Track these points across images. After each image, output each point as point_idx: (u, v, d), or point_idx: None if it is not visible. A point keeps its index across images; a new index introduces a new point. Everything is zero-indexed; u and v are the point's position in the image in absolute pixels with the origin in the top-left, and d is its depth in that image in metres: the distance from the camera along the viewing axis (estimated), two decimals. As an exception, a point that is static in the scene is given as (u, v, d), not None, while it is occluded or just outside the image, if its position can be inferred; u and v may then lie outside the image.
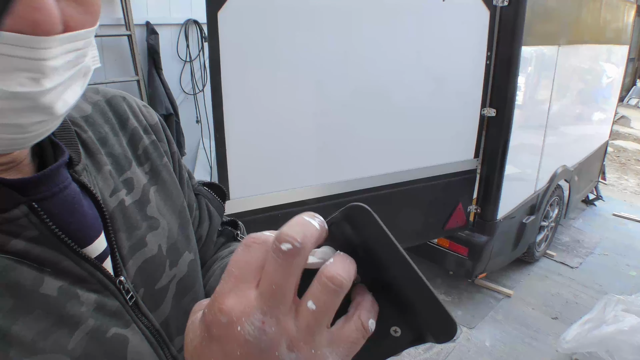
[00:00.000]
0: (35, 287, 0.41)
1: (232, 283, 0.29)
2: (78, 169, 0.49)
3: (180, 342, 0.56)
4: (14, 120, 0.34)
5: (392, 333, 0.32)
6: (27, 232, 0.41)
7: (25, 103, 0.34)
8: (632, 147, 7.91)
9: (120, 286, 0.48)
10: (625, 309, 2.67)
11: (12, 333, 0.39)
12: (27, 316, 0.40)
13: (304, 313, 0.29)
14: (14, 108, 0.34)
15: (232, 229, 0.77)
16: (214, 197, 0.72)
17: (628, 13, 4.32)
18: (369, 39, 2.13)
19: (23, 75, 0.33)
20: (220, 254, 0.72)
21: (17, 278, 0.40)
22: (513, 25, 2.54)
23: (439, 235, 3.01)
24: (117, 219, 0.51)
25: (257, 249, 0.29)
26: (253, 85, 1.86)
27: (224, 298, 0.29)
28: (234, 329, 0.28)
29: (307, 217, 0.30)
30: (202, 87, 4.12)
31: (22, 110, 0.34)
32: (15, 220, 0.40)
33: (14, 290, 0.40)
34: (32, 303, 0.41)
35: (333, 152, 2.21)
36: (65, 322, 0.42)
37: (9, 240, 0.40)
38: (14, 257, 0.40)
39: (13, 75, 0.33)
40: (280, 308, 0.28)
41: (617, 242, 4.31)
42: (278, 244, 0.28)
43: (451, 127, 2.61)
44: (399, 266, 0.31)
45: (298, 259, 0.28)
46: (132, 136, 0.59)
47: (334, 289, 0.29)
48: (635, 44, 9.87)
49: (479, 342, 2.89)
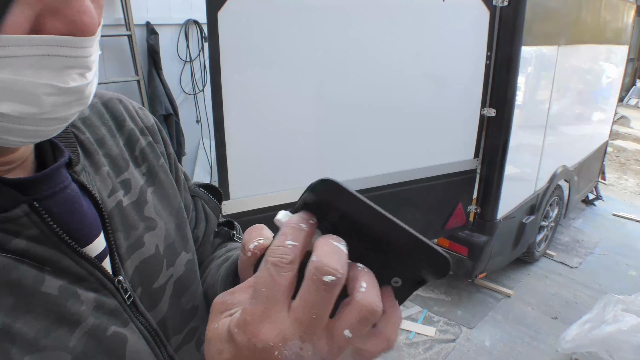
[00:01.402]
0: (37, 286, 0.41)
1: (263, 305, 0.30)
2: (77, 169, 0.49)
3: (177, 341, 0.57)
4: (62, 113, 0.38)
5: (393, 284, 0.34)
6: (28, 231, 0.41)
7: (75, 96, 0.38)
8: (631, 147, 7.92)
9: (119, 285, 0.49)
10: (625, 308, 2.67)
11: (14, 331, 0.39)
12: (28, 314, 0.40)
13: (339, 338, 0.31)
14: (66, 102, 0.38)
15: (229, 229, 0.77)
16: (210, 198, 0.73)
17: (628, 13, 4.32)
18: (369, 39, 2.13)
19: (74, 72, 0.37)
20: (217, 253, 0.72)
21: (18, 277, 0.40)
22: (513, 25, 2.54)
23: (439, 235, 3.01)
24: (115, 219, 0.52)
25: (288, 269, 0.30)
26: (253, 85, 1.86)
27: (258, 323, 0.30)
28: (271, 353, 0.29)
29: (335, 242, 0.31)
30: (202, 87, 4.12)
31: (70, 103, 0.38)
32: (16, 219, 0.41)
33: (15, 289, 0.40)
34: (33, 301, 0.41)
35: (333, 152, 2.21)
36: (66, 320, 0.43)
37: (10, 240, 0.40)
38: (14, 256, 0.41)
39: (66, 73, 0.36)
40: (316, 333, 0.30)
41: (617, 242, 4.31)
42: (320, 275, 0.29)
43: (451, 127, 2.61)
44: (379, 223, 0.32)
45: (338, 288, 0.29)
46: (129, 137, 0.59)
47: (367, 319, 0.30)
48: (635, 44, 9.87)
49: (479, 342, 2.89)
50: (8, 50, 0.33)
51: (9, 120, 0.35)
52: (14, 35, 0.33)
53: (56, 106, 0.37)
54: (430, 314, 3.13)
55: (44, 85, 0.35)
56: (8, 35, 0.33)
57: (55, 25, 0.35)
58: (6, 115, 0.35)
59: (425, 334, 2.92)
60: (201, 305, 0.62)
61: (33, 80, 0.35)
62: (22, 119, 0.36)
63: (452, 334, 2.95)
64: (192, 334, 0.60)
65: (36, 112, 0.36)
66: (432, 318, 3.09)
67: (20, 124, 0.36)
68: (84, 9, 0.36)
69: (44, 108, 0.36)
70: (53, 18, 0.35)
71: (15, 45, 0.33)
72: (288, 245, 0.30)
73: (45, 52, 0.35)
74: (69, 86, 0.37)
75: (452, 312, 3.15)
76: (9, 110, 0.35)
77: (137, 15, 3.44)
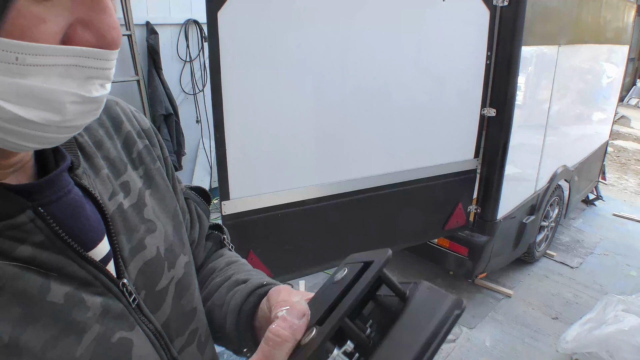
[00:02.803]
0: (42, 296, 0.41)
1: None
2: (78, 173, 0.49)
3: (180, 343, 0.57)
4: (80, 122, 0.39)
5: None
6: (34, 238, 0.41)
7: (95, 106, 0.39)
8: (632, 147, 7.91)
9: (124, 288, 0.48)
10: (625, 309, 2.67)
11: (22, 343, 0.39)
12: (35, 324, 0.40)
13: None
14: (85, 111, 0.39)
15: (219, 233, 0.78)
16: (202, 200, 0.74)
17: (628, 13, 4.31)
18: (369, 39, 2.13)
19: (97, 82, 0.38)
20: (218, 264, 0.73)
21: (24, 286, 0.40)
22: (513, 25, 2.53)
23: (439, 235, 3.01)
24: (117, 222, 0.52)
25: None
26: (253, 85, 1.86)
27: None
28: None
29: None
30: (202, 87, 4.12)
31: (89, 113, 0.39)
32: (22, 225, 0.41)
33: (21, 299, 0.40)
34: (39, 311, 0.41)
35: (333, 152, 2.21)
36: (72, 330, 0.43)
37: (16, 247, 0.40)
38: (20, 264, 0.40)
39: (90, 83, 0.38)
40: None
41: (617, 242, 4.31)
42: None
43: (451, 127, 2.60)
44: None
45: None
46: (127, 140, 0.59)
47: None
48: (635, 44, 9.87)
49: (479, 342, 2.88)
50: (41, 59, 0.34)
51: (32, 127, 0.36)
52: (48, 45, 0.34)
53: (77, 114, 0.38)
54: (431, 314, 3.13)
55: (70, 94, 0.36)
56: (43, 45, 0.34)
57: (85, 37, 0.36)
58: (31, 122, 0.35)
59: (426, 334, 2.92)
60: (199, 307, 0.62)
61: (61, 89, 0.35)
62: (45, 126, 0.36)
63: (452, 334, 2.95)
64: (193, 335, 0.60)
65: (59, 120, 0.36)
66: (433, 318, 3.09)
67: (42, 131, 0.36)
68: (114, 25, 0.38)
69: (67, 116, 0.37)
70: (84, 30, 0.36)
71: (49, 54, 0.34)
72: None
73: (74, 63, 0.36)
74: (92, 96, 0.38)
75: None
76: (35, 117, 0.35)
77: (137, 15, 3.44)
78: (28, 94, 0.34)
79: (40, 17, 0.33)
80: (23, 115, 0.34)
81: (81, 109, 0.38)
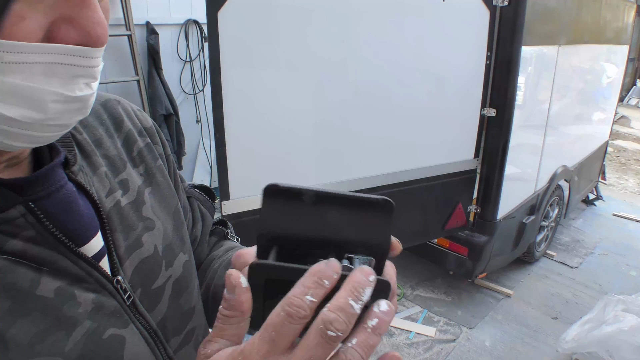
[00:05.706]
0: (32, 289, 0.41)
1: (267, 345, 0.30)
2: (74, 169, 0.49)
3: (176, 342, 0.57)
4: (64, 120, 0.39)
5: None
6: (25, 232, 0.41)
7: (79, 105, 0.39)
8: (632, 147, 7.91)
9: (118, 286, 0.48)
10: (625, 309, 2.67)
11: (9, 336, 0.39)
12: (24, 318, 0.40)
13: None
14: (69, 110, 0.38)
15: (223, 228, 0.78)
16: (206, 198, 0.74)
17: (628, 13, 4.31)
18: (369, 39, 2.13)
19: (82, 81, 0.38)
20: (216, 252, 0.73)
21: (14, 279, 0.40)
22: (513, 25, 2.53)
23: (439, 235, 3.01)
24: (114, 219, 0.52)
25: (299, 323, 0.31)
26: (253, 85, 1.86)
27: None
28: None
29: (352, 302, 0.31)
30: (202, 87, 4.12)
31: (74, 111, 0.39)
32: (13, 220, 0.41)
33: (11, 292, 0.40)
34: (29, 305, 0.41)
35: (333, 152, 2.21)
36: (62, 324, 0.42)
37: (7, 241, 0.40)
38: (11, 258, 0.40)
39: (74, 82, 0.37)
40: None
41: (617, 242, 4.31)
42: (325, 330, 0.29)
43: (451, 127, 2.60)
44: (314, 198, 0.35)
45: (339, 340, 0.30)
46: (127, 138, 0.59)
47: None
48: (635, 44, 9.87)
49: (479, 342, 2.89)
50: (20, 57, 0.33)
51: (15, 124, 0.36)
52: (27, 42, 0.33)
53: (59, 113, 0.37)
54: (430, 314, 3.13)
55: (52, 93, 0.36)
56: (21, 43, 0.33)
57: (69, 34, 0.36)
58: (13, 119, 0.35)
59: (426, 334, 2.92)
60: (197, 306, 0.62)
61: (42, 87, 0.35)
62: (28, 124, 0.36)
63: (452, 334, 2.95)
64: (190, 335, 0.60)
65: (42, 118, 0.36)
66: (432, 318, 3.09)
67: (27, 129, 0.36)
68: (99, 21, 0.37)
69: (49, 114, 0.36)
70: (67, 27, 0.36)
71: (29, 52, 0.34)
72: (307, 300, 0.30)
73: (56, 60, 0.35)
74: (75, 95, 0.37)
75: (452, 312, 3.15)
76: (16, 114, 0.35)
77: (137, 15, 3.44)
78: (8, 92, 0.34)
79: (19, 15, 0.33)
80: (5, 113, 0.34)
81: (64, 108, 0.37)
